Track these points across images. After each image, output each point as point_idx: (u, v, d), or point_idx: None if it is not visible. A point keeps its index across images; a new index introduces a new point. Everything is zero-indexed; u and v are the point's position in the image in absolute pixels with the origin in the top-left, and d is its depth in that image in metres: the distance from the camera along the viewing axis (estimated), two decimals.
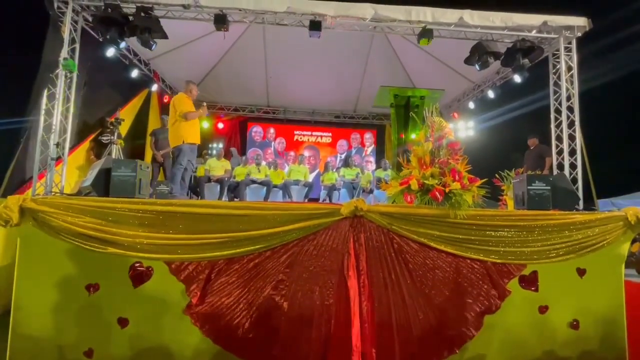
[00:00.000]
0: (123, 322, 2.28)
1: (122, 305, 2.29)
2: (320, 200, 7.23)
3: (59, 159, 4.60)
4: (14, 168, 4.47)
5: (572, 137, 4.95)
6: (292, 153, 9.42)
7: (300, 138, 9.68)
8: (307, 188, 7.05)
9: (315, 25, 4.73)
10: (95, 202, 2.36)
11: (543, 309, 2.55)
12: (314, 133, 9.72)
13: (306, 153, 9.34)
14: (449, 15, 4.74)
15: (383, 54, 7.53)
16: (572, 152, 4.93)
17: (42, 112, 4.49)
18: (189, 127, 4.62)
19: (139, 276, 2.30)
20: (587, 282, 2.59)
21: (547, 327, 2.56)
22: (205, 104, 5.09)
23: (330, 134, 9.75)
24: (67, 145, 4.72)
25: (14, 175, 4.47)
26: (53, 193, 3.87)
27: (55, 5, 4.52)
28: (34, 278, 2.25)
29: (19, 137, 4.59)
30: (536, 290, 2.55)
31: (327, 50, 7.05)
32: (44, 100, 4.52)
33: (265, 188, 6.69)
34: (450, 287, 2.48)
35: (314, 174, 8.84)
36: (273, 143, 9.56)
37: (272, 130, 9.61)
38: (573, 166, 4.91)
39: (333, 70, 7.91)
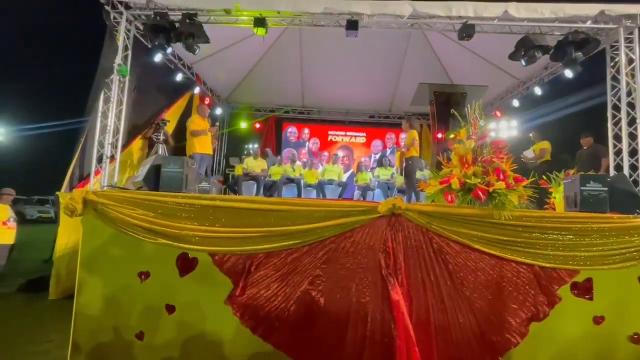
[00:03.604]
0: (170, 308, 2.43)
1: (170, 293, 2.43)
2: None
3: (112, 157, 4.99)
4: (74, 165, 4.92)
5: (632, 136, 4.54)
6: (325, 153, 9.48)
7: (334, 138, 9.72)
8: (341, 188, 7.07)
9: (352, 25, 4.74)
10: (146, 195, 2.53)
11: (599, 320, 2.36)
12: (348, 133, 9.72)
13: (340, 153, 9.36)
14: (492, 8, 4.54)
15: (420, 52, 7.36)
16: (633, 153, 4.52)
17: (99, 114, 4.90)
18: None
19: (185, 266, 2.44)
20: None
21: (602, 340, 2.36)
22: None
23: (364, 134, 9.69)
24: (120, 144, 5.11)
25: (74, 171, 4.92)
26: (108, 186, 4.20)
27: (112, 16, 4.92)
28: (94, 265, 2.46)
29: (78, 136, 5.04)
30: (591, 298, 2.36)
31: (363, 50, 7.02)
32: (101, 103, 4.93)
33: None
34: (493, 291, 2.37)
35: (347, 174, 8.83)
36: (307, 143, 9.68)
37: (306, 131, 9.73)
38: (634, 167, 4.49)
39: (368, 70, 7.86)
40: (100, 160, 4.88)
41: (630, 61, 4.59)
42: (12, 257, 5.27)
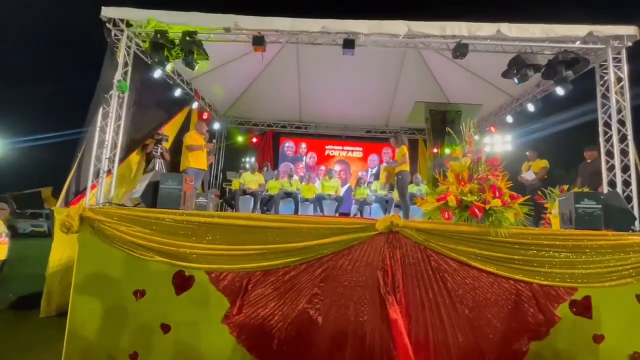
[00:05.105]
0: (165, 328, 2.38)
1: (165, 312, 2.40)
2: (352, 215, 7.20)
3: (109, 172, 4.97)
4: (71, 180, 4.89)
5: (624, 152, 4.62)
6: (322, 167, 9.53)
7: (331, 153, 9.78)
8: (337, 202, 7.07)
9: (348, 44, 4.84)
10: (144, 212, 2.52)
11: (598, 338, 2.35)
12: (344, 148, 9.79)
13: (336, 167, 9.41)
14: (486, 28, 4.66)
15: (416, 69, 7.51)
16: (625, 169, 4.59)
17: (97, 129, 4.91)
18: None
19: (181, 284, 2.41)
20: None
21: (603, 359, 2.35)
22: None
23: (361, 149, 9.77)
24: (117, 159, 5.11)
25: (70, 186, 4.89)
26: (105, 203, 4.16)
27: (112, 34, 5.00)
28: (89, 283, 2.42)
29: (75, 151, 5.04)
30: (590, 317, 2.36)
31: (360, 67, 7.15)
32: (99, 118, 4.95)
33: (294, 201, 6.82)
34: (492, 309, 2.36)
35: (344, 188, 8.85)
36: (304, 158, 9.72)
37: (303, 145, 9.79)
38: (626, 183, 4.55)
39: (365, 86, 7.99)
40: (97, 174, 4.86)
41: (619, 80, 4.71)
42: (3, 273, 5.16)
